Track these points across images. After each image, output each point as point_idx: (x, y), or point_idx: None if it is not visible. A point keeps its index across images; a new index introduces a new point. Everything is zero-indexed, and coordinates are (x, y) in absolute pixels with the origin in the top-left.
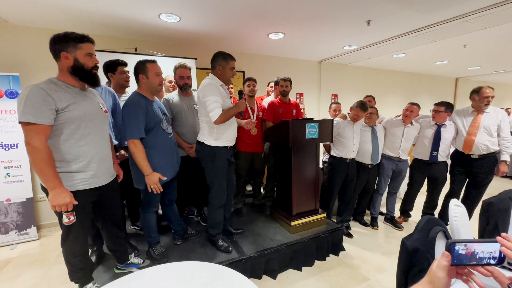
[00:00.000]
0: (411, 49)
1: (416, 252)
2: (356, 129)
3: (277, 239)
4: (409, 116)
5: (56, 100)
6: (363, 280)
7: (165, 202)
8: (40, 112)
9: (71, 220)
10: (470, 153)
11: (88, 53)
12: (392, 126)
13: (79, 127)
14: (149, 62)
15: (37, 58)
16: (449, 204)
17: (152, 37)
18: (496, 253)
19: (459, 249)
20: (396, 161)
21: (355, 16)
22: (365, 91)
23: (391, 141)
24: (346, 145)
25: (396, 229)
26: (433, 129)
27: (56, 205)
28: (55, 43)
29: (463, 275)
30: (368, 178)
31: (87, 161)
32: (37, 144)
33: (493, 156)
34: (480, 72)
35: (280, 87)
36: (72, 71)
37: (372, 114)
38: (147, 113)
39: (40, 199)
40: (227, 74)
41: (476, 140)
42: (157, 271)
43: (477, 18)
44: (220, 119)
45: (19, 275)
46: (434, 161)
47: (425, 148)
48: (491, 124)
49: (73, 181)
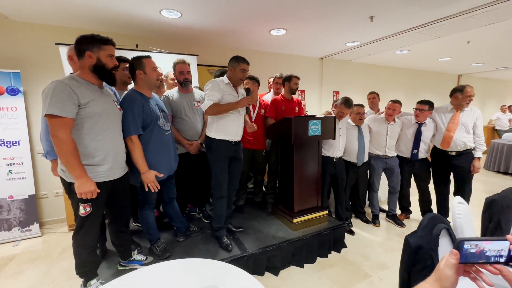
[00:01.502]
0: (414, 45)
1: (419, 249)
2: (342, 127)
3: (279, 236)
4: (392, 114)
5: (79, 95)
6: (365, 277)
7: (164, 200)
8: (65, 106)
9: (87, 212)
10: (447, 149)
11: (110, 54)
12: (376, 125)
13: (98, 122)
14: (145, 57)
15: (38, 55)
16: (440, 202)
17: (153, 33)
18: (504, 251)
19: (467, 247)
20: (385, 159)
21: (358, 11)
22: (367, 88)
23: (376, 140)
24: (332, 144)
25: (398, 226)
26: (414, 127)
27: (83, 192)
28: (82, 43)
29: (471, 273)
30: (357, 175)
31: (104, 154)
32: (63, 135)
33: (469, 152)
34: (483, 68)
35: (294, 84)
36: (94, 70)
37: (363, 114)
38: (144, 110)
39: (43, 196)
40: (237, 75)
41: (455, 137)
42: (160, 268)
43: (482, 13)
44: (209, 110)
45: (22, 271)
46: (415, 159)
47: (407, 146)
48: (468, 121)
49: (94, 173)
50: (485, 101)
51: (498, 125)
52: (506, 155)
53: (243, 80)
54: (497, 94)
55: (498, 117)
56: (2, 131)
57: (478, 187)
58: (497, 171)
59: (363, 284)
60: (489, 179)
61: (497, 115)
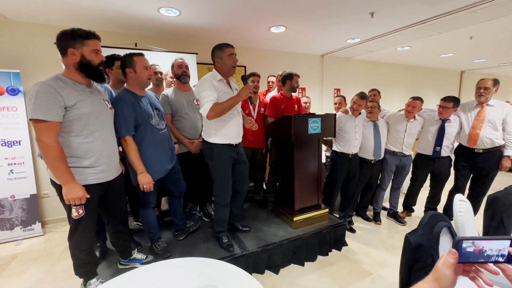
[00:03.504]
0: (415, 41)
1: (420, 247)
2: (358, 124)
3: (279, 235)
4: (412, 112)
5: (64, 97)
6: (365, 275)
7: (174, 194)
8: (50, 110)
9: (80, 214)
10: (474, 147)
11: (95, 49)
12: (395, 121)
13: (87, 124)
14: (136, 55)
15: (38, 54)
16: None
17: (152, 32)
18: (505, 250)
19: (466, 246)
20: (400, 156)
21: (359, 7)
22: (368, 85)
23: (394, 136)
24: (348, 140)
25: (399, 224)
26: (437, 124)
27: (70, 199)
28: (62, 40)
29: (470, 273)
30: (371, 173)
31: (96, 156)
32: (48, 140)
33: (497, 150)
34: (486, 64)
35: (296, 82)
36: (79, 68)
37: (374, 108)
38: (135, 110)
39: (44, 195)
40: (227, 63)
41: (481, 134)
42: (160, 266)
43: (485, 8)
44: (211, 113)
45: (24, 270)
46: (438, 156)
47: (429, 143)
48: (496, 117)
49: (83, 175)
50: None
51: None
52: None
53: (235, 68)
54: (500, 90)
55: None
56: (3, 131)
57: None
58: None
59: (364, 282)
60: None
61: None
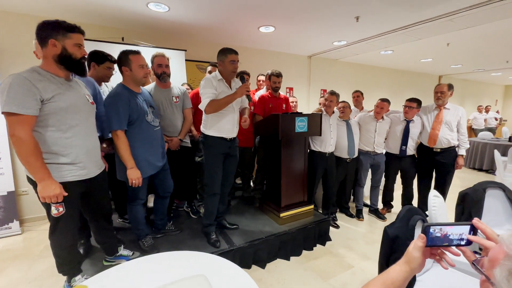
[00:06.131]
0: (397, 46)
1: (396, 239)
2: (333, 123)
3: (266, 230)
4: (380, 112)
5: (41, 90)
6: (347, 267)
7: (159, 194)
8: (24, 102)
9: (60, 212)
10: (433, 146)
11: (78, 43)
12: (365, 122)
13: (66, 118)
14: (133, 53)
15: (17, 46)
16: (423, 196)
17: (140, 27)
18: (465, 235)
19: (433, 231)
20: (373, 155)
21: (345, 11)
22: (353, 86)
23: (365, 136)
24: (323, 139)
25: (379, 220)
26: (402, 124)
27: (46, 197)
28: (44, 29)
29: (436, 255)
30: (346, 171)
31: (75, 152)
32: (22, 135)
33: (453, 149)
34: (461, 70)
35: (273, 83)
36: (59, 60)
37: (345, 108)
38: (130, 105)
39: (23, 193)
40: (227, 68)
41: (440, 134)
42: (147, 260)
43: (460, 17)
44: (208, 108)
45: (2, 269)
46: (404, 155)
47: (396, 143)
48: (451, 120)
49: (61, 172)
50: (464, 101)
51: (475, 124)
52: (481, 152)
53: (235, 72)
54: (474, 95)
55: (475, 117)
56: None
57: (455, 182)
58: (472, 167)
59: (346, 275)
60: (465, 175)
61: (474, 115)
